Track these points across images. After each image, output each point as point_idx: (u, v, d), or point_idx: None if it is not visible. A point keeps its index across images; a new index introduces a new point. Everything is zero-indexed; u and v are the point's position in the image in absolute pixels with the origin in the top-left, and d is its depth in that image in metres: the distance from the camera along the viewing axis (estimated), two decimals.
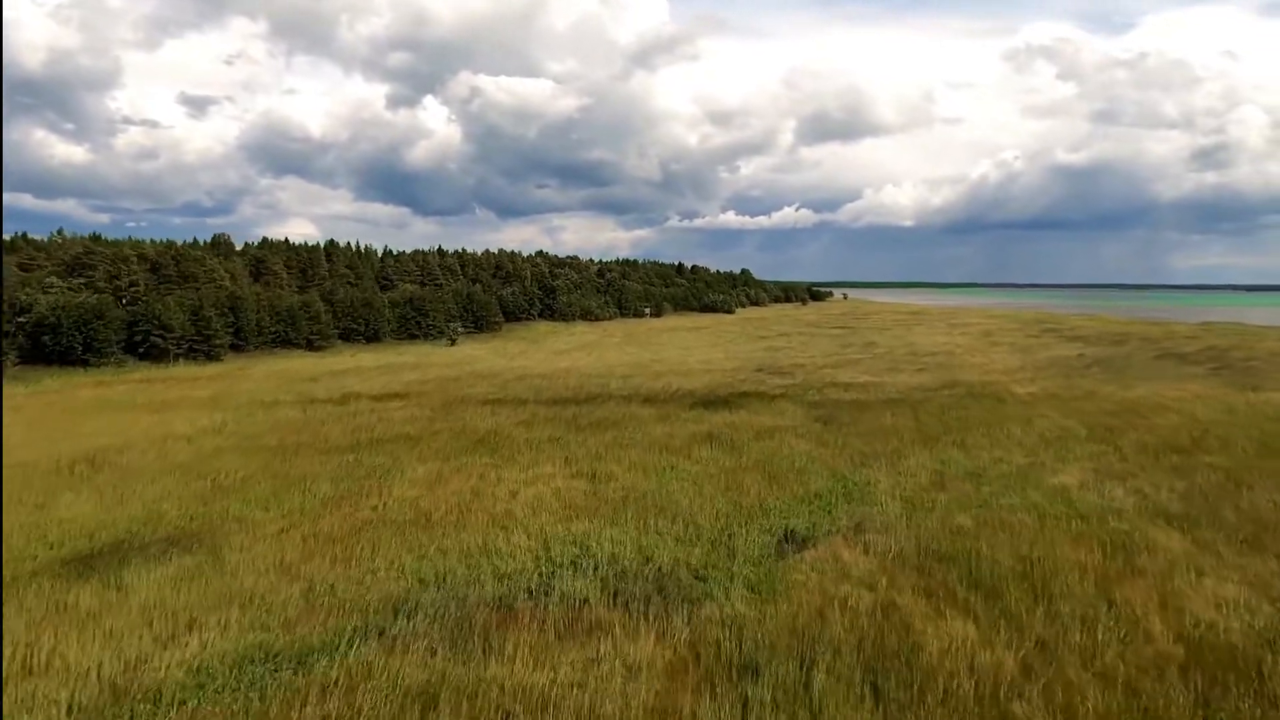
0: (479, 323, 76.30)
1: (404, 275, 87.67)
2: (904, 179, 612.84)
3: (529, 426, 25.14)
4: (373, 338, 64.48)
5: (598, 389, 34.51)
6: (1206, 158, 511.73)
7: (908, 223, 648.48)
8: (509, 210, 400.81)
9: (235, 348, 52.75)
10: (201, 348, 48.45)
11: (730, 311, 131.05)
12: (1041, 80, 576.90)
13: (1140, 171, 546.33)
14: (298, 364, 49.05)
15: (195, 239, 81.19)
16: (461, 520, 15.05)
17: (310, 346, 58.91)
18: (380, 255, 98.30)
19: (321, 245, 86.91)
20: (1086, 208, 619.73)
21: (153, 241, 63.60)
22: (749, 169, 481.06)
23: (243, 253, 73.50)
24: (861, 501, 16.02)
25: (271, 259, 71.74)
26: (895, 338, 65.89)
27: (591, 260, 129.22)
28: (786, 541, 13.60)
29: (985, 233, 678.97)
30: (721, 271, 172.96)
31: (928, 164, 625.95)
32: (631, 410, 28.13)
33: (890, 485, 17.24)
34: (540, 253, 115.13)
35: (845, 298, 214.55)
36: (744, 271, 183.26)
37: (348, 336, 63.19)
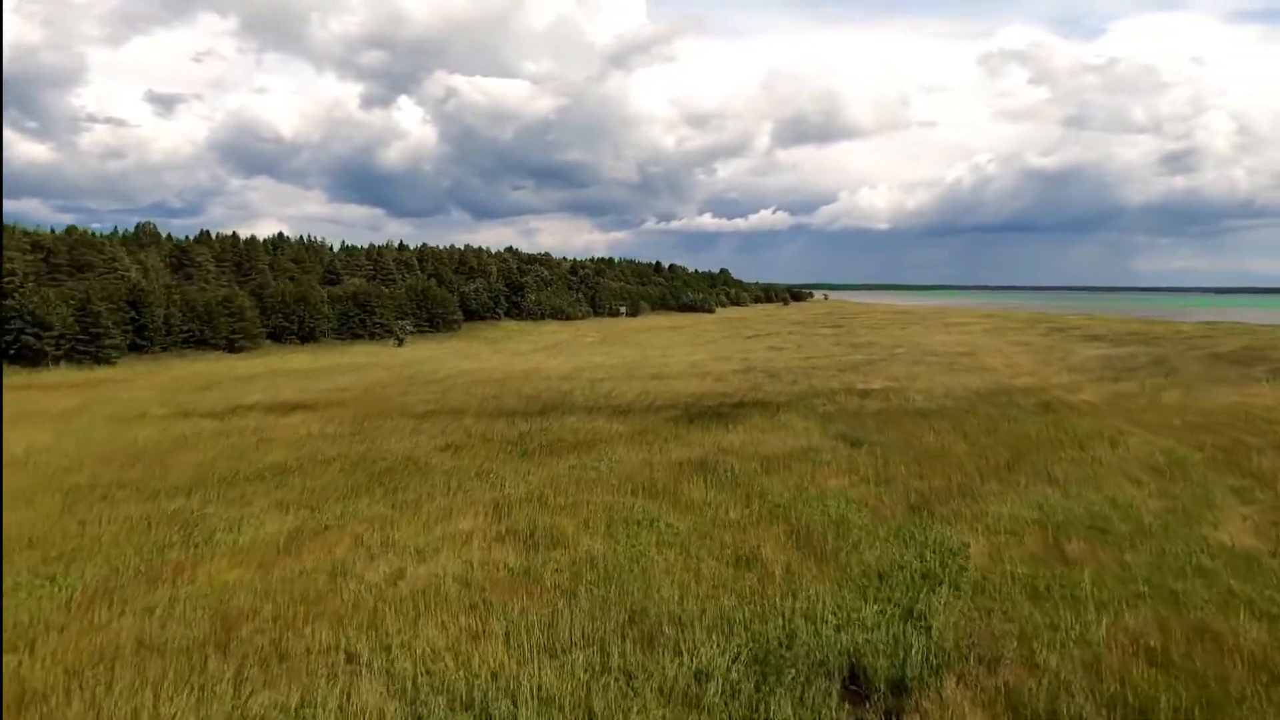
0: (435, 321, 69.29)
1: (355, 270, 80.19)
2: (879, 182, 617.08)
3: (458, 451, 18.73)
4: (309, 337, 57.15)
5: (559, 397, 28.20)
6: (1174, 162, 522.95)
7: (883, 225, 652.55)
8: (484, 212, 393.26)
9: (137, 348, 45.32)
10: (89, 349, 40.99)
11: (710, 311, 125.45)
12: (1014, 84, 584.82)
13: (1109, 176, 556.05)
14: (205, 367, 41.84)
15: (116, 228, 72.91)
16: (285, 640, 8.65)
17: (231, 348, 51.47)
18: (334, 250, 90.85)
19: (260, 239, 79.07)
20: (1058, 211, 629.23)
21: (52, 231, 55.74)
22: (726, 171, 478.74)
23: (160, 245, 65.18)
24: (954, 586, 9.97)
25: (196, 250, 63.92)
26: (894, 337, 60.58)
27: (565, 259, 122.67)
28: (856, 693, 7.48)
29: (959, 236, 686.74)
30: (700, 271, 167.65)
31: (903, 167, 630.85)
32: (598, 426, 21.86)
33: (986, 553, 11.24)
34: (510, 249, 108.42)
35: (826, 298, 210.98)
36: (723, 271, 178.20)
37: (279, 336, 55.79)
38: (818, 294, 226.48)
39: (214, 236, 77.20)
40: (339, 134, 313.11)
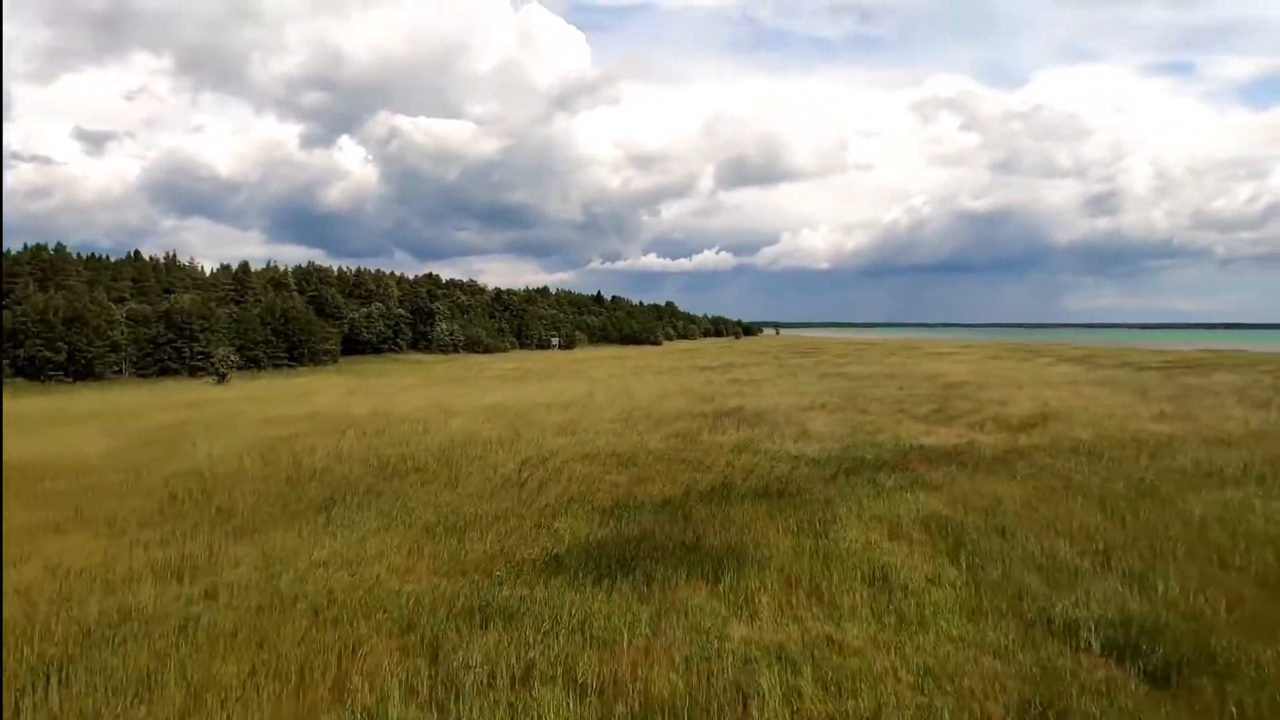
0: (299, 353, 53.16)
1: (209, 291, 62.95)
2: (820, 223, 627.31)
3: None
4: (86, 372, 40.33)
5: (383, 467, 13.53)
6: (1098, 204, 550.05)
7: (824, 265, 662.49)
8: (428, 252, 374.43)
9: None
10: None
11: (656, 343, 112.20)
12: (946, 130, 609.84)
13: (1038, 217, 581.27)
14: None
15: None
16: None
17: None
18: (207, 270, 73.35)
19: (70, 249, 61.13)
20: (990, 251, 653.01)
21: None
22: (670, 212, 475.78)
23: None
24: None
25: None
26: (887, 368, 48.12)
27: (489, 286, 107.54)
28: None
29: (898, 275, 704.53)
30: (645, 303, 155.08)
31: (842, 209, 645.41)
32: (444, 546, 7.17)
33: None
34: (429, 276, 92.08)
35: (778, 333, 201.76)
36: (669, 304, 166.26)
37: (34, 371, 38.82)
38: (767, 330, 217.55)
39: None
40: (278, 174, 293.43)
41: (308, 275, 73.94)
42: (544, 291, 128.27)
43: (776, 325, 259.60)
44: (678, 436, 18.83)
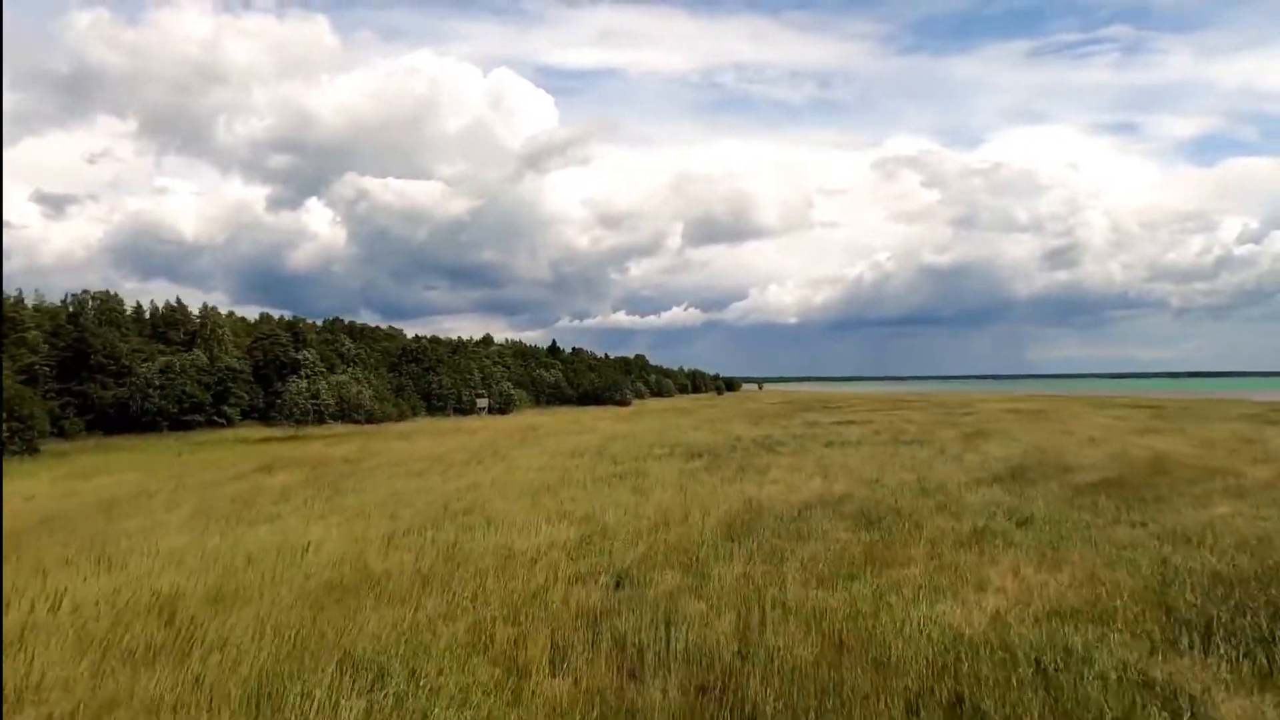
0: None
1: None
2: (787, 279, 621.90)
3: None
4: None
5: None
6: (1057, 257, 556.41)
7: (792, 320, 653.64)
8: (396, 312, 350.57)
9: None
10: None
11: (624, 403, 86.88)
12: (908, 187, 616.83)
13: (999, 271, 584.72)
14: None
15: None
16: None
17: None
18: None
19: None
20: (954, 304, 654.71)
21: None
22: (639, 270, 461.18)
23: None
24: None
25: None
26: (1034, 441, 24.28)
27: (400, 330, 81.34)
28: None
29: (864, 329, 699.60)
30: (612, 356, 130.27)
31: (809, 265, 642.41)
32: None
33: None
34: (298, 318, 64.49)
35: (760, 388, 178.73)
36: (639, 357, 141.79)
37: None
38: (747, 385, 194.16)
39: None
40: (244, 236, 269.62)
41: (82, 306, 46.96)
42: (486, 341, 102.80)
43: (748, 379, 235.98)
44: None
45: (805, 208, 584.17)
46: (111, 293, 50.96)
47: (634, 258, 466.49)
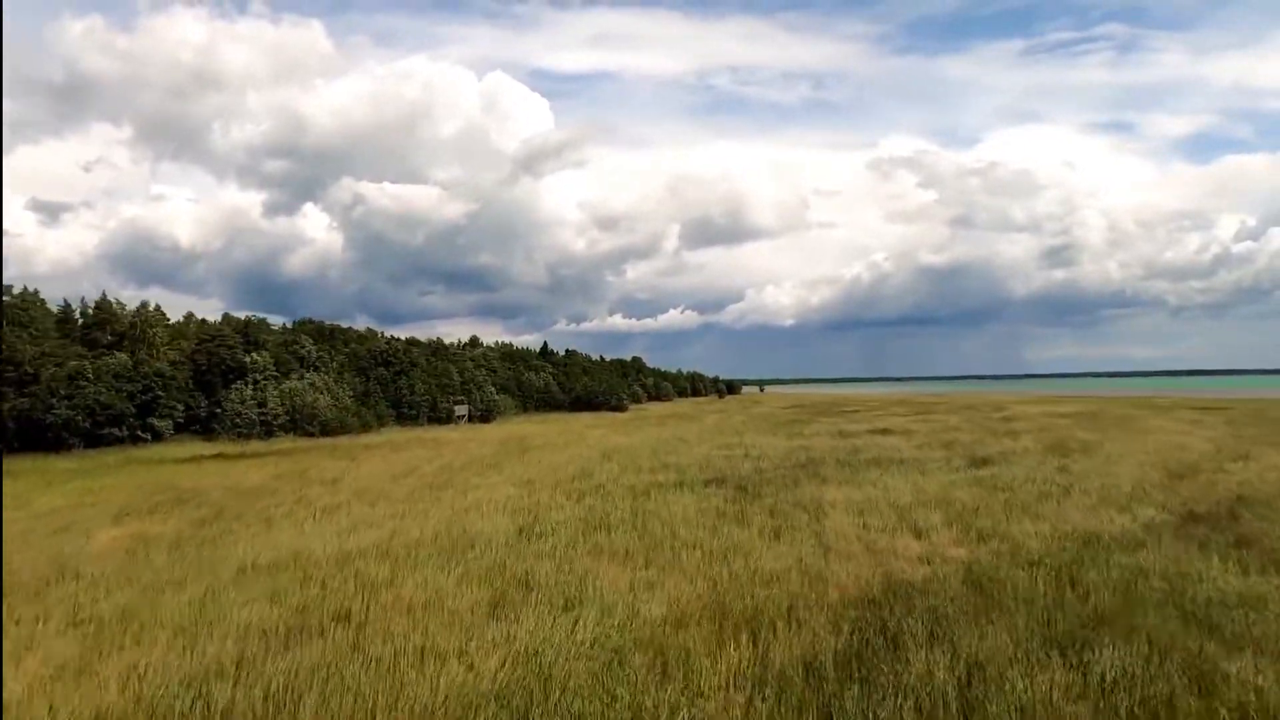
0: None
1: None
2: (784, 280, 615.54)
3: None
4: None
5: None
6: (1054, 256, 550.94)
7: (789, 321, 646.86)
8: (392, 317, 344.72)
9: None
10: None
11: (620, 409, 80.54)
12: (904, 188, 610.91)
13: (996, 270, 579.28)
14: None
15: None
16: None
17: None
18: None
19: None
20: (951, 305, 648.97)
21: None
22: (635, 272, 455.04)
23: None
24: None
25: None
26: (1139, 458, 18.19)
27: (375, 330, 74.83)
28: None
29: (861, 330, 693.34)
30: (608, 358, 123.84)
31: (805, 266, 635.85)
32: None
33: None
34: (253, 317, 57.66)
35: (762, 390, 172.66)
36: (635, 359, 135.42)
37: None
38: (747, 388, 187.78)
39: None
40: (240, 242, 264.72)
41: None
42: (473, 343, 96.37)
43: (746, 381, 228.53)
44: None
45: (801, 209, 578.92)
46: (32, 290, 44.56)
47: (630, 260, 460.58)
